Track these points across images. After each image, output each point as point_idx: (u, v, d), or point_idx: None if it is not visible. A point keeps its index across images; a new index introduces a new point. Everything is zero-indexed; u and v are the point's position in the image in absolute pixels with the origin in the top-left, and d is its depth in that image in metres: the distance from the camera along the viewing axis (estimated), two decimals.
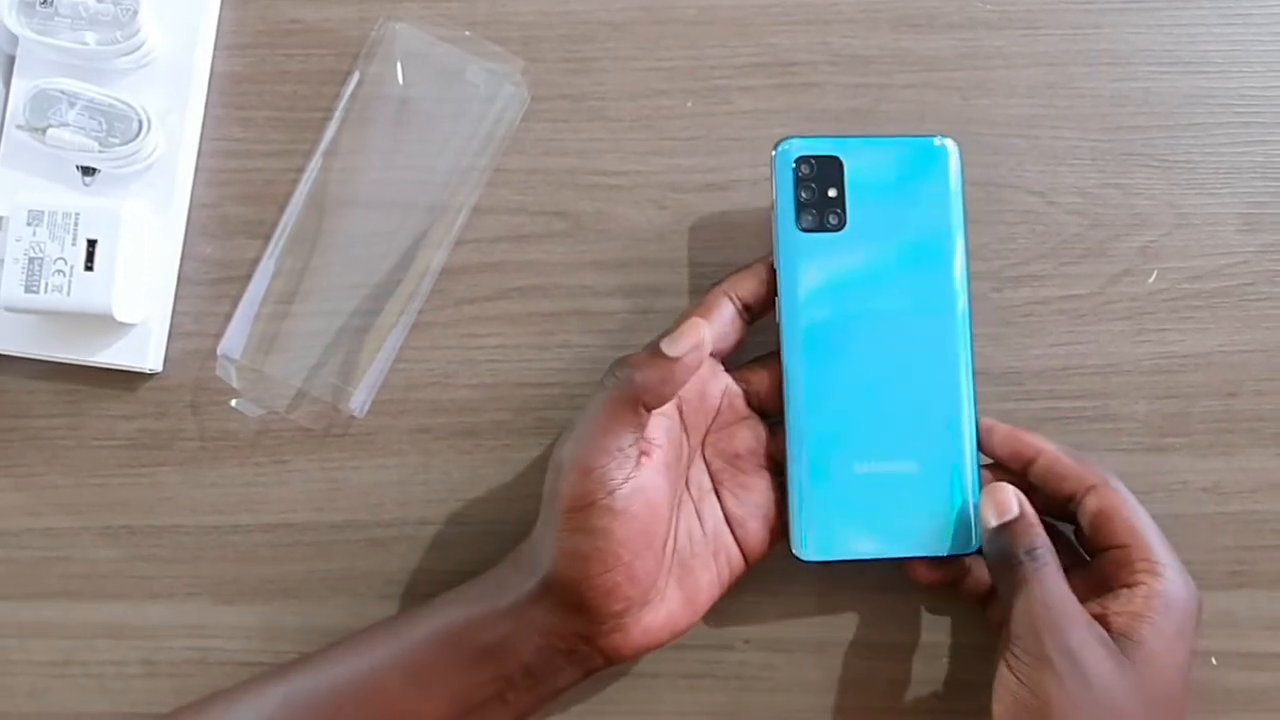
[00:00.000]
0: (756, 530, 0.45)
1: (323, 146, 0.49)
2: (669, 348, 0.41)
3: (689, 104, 0.49)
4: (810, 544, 0.44)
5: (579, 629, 0.42)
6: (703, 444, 0.45)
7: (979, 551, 0.44)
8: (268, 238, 0.49)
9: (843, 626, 0.48)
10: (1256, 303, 0.48)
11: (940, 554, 0.44)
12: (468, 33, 0.49)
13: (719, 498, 0.45)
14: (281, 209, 0.49)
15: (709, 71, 0.49)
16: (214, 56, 0.50)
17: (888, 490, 0.44)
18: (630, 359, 0.41)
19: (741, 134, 0.49)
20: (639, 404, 0.41)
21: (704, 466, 0.45)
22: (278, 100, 0.50)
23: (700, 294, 0.48)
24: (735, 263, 0.49)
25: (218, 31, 0.50)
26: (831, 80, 0.49)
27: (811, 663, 0.48)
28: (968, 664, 0.48)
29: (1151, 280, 0.48)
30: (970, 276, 0.44)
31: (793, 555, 0.44)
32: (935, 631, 0.48)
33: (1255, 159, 0.48)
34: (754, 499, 0.45)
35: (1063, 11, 0.49)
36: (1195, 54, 0.49)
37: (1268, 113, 0.49)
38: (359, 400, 0.49)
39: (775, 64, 0.49)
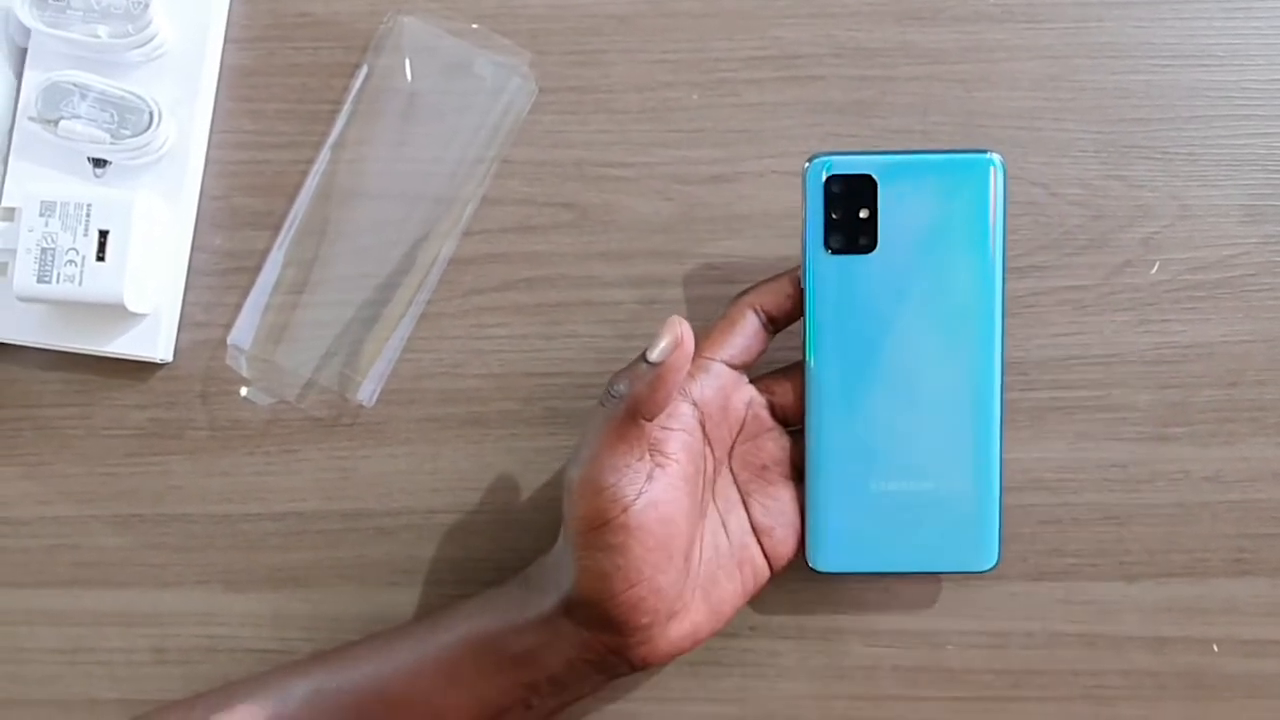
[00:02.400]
0: (784, 539, 0.45)
1: (332, 139, 0.50)
2: (650, 354, 0.40)
3: (695, 96, 0.50)
4: (824, 556, 0.44)
5: (607, 642, 0.42)
6: (730, 456, 0.45)
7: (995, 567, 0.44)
8: (277, 229, 0.50)
9: (848, 614, 0.48)
10: (1258, 293, 0.48)
11: (955, 570, 0.45)
12: (475, 26, 0.50)
13: (746, 508, 0.45)
14: (291, 200, 0.50)
15: (714, 64, 0.50)
16: (224, 49, 0.51)
17: (905, 507, 0.44)
18: (621, 373, 0.41)
19: (747, 126, 0.50)
20: (637, 417, 0.40)
21: (731, 478, 0.45)
22: (287, 93, 0.50)
23: (705, 284, 0.49)
24: (741, 254, 0.49)
25: (228, 25, 0.51)
26: (836, 73, 0.50)
27: (816, 649, 0.48)
28: (973, 651, 0.48)
29: (1154, 271, 0.49)
30: (1006, 299, 0.43)
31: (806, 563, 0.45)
32: (941, 619, 0.48)
33: (1257, 151, 0.49)
34: (781, 508, 0.45)
35: (1065, 5, 0.49)
36: (1197, 47, 0.49)
37: (1268, 105, 0.49)
38: (368, 390, 0.49)
39: (780, 56, 0.50)
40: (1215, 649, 0.48)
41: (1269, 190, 0.49)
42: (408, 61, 0.50)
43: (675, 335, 0.40)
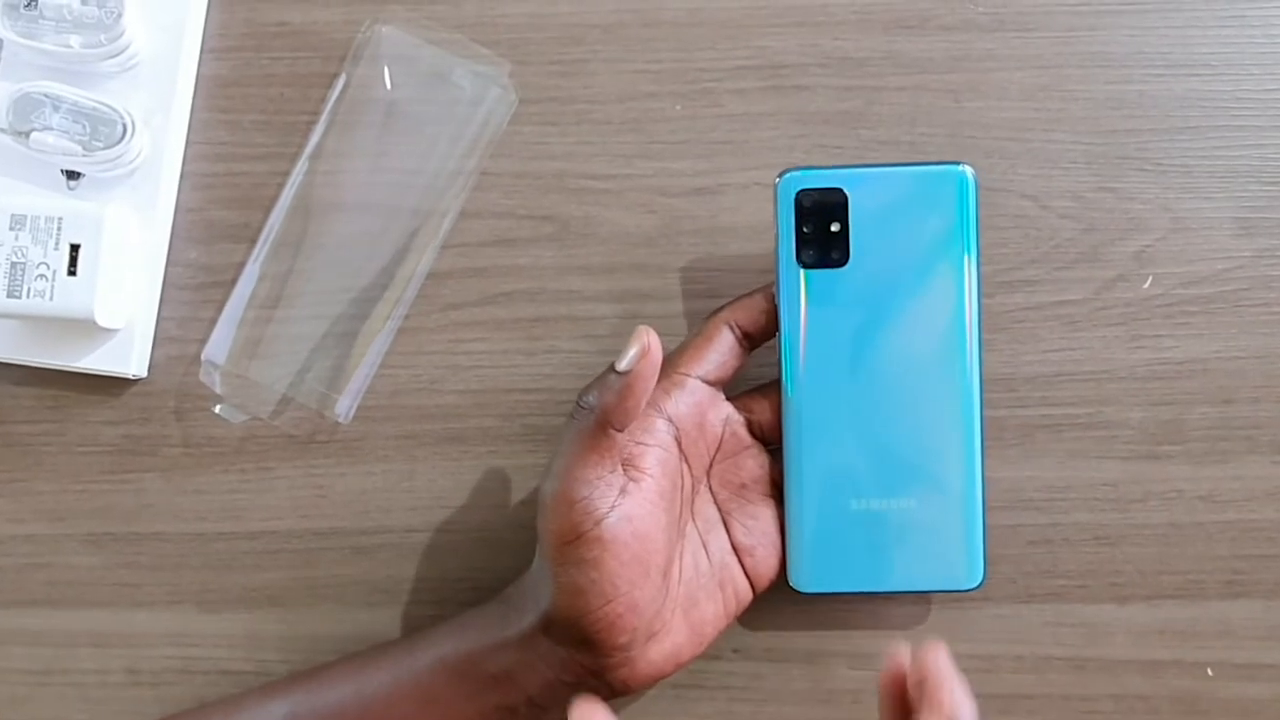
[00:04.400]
0: (765, 558, 0.44)
1: (309, 150, 0.49)
2: (619, 364, 0.40)
3: (678, 107, 0.49)
4: (806, 576, 0.44)
5: (585, 662, 0.41)
6: (708, 475, 0.45)
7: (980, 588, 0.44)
8: (253, 242, 0.49)
9: (832, 636, 0.47)
10: (1252, 308, 0.47)
11: (938, 589, 0.44)
12: (455, 35, 0.49)
13: (727, 528, 0.44)
14: (267, 213, 0.49)
15: (698, 74, 0.49)
16: (200, 59, 0.50)
17: (886, 525, 0.43)
18: (590, 385, 0.41)
19: (731, 137, 0.49)
20: (608, 427, 0.40)
21: (710, 498, 0.45)
22: (264, 103, 0.50)
23: (688, 298, 0.48)
24: (725, 268, 0.48)
25: (203, 34, 0.50)
26: (822, 83, 0.49)
27: (800, 673, 0.47)
28: (961, 675, 0.47)
29: (1146, 285, 0.48)
30: (983, 311, 0.43)
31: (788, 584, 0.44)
32: (925, 641, 0.47)
33: (1251, 163, 0.48)
34: (761, 528, 0.44)
35: (1056, 14, 0.48)
36: (1189, 57, 0.48)
37: (1263, 116, 0.48)
38: (344, 406, 0.48)
39: (765, 66, 0.49)
40: (1209, 673, 0.47)
41: (1263, 203, 0.48)
42: (386, 71, 0.49)
43: (643, 344, 0.39)
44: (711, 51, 0.49)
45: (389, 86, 0.49)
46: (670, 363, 0.43)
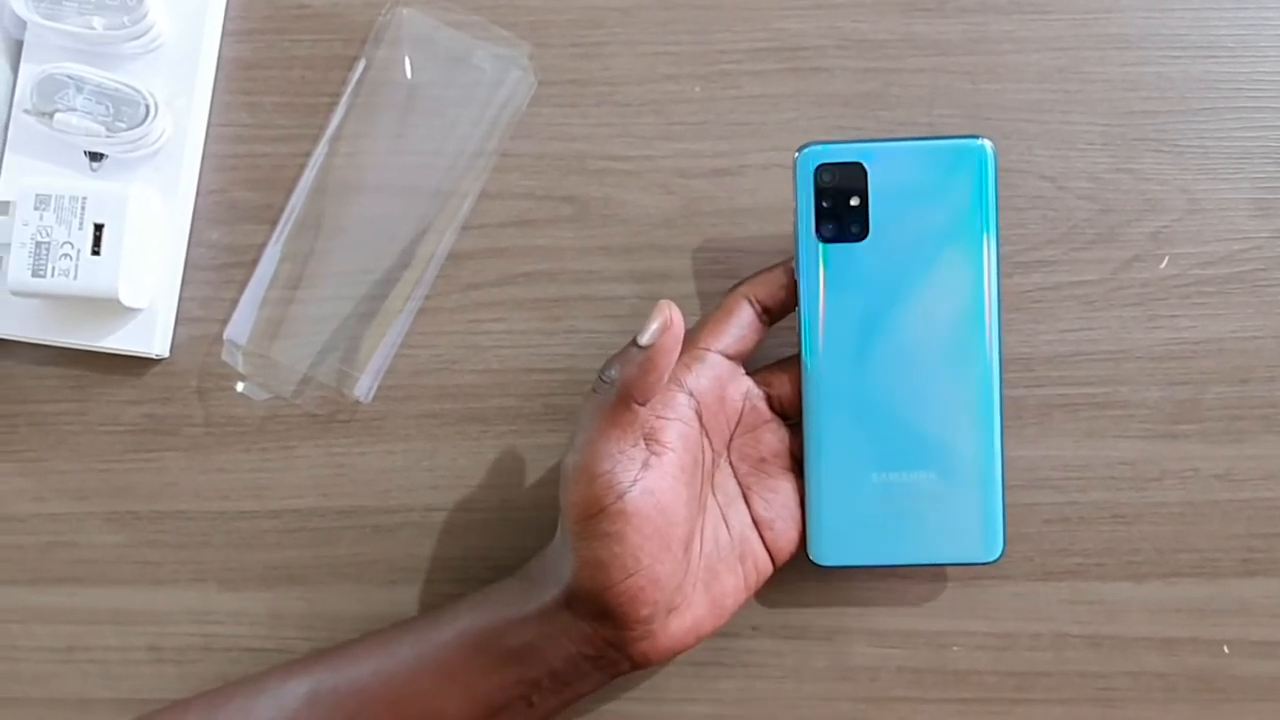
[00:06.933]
0: (785, 532, 0.44)
1: (330, 132, 0.49)
2: (640, 338, 0.40)
3: (697, 89, 0.49)
4: (826, 550, 0.44)
5: (607, 636, 0.41)
6: (728, 449, 0.45)
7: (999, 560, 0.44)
8: (274, 223, 0.49)
9: (851, 614, 0.48)
10: (1269, 288, 0.48)
11: (958, 562, 0.45)
12: (475, 17, 0.49)
13: (747, 502, 0.45)
14: (288, 194, 0.49)
15: (718, 56, 0.49)
16: (222, 41, 0.50)
17: (905, 498, 0.43)
18: (612, 359, 0.41)
19: (750, 119, 0.49)
20: (630, 401, 0.40)
21: (730, 471, 0.45)
22: (285, 85, 0.50)
23: (708, 279, 0.49)
24: (744, 248, 0.49)
25: (225, 16, 0.50)
26: (841, 65, 0.49)
27: (819, 650, 0.48)
28: (979, 653, 0.47)
29: (1163, 266, 0.48)
30: (1001, 283, 0.43)
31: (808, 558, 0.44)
32: (945, 620, 0.47)
33: (1268, 144, 0.48)
34: (781, 501, 0.45)
35: None
36: (1207, 38, 0.48)
37: None
38: (365, 386, 0.48)
39: (784, 48, 0.49)
40: (1225, 650, 0.47)
41: None
42: (407, 54, 0.49)
43: (665, 318, 0.40)
44: (730, 34, 0.49)
45: (409, 69, 0.49)
46: (690, 338, 0.43)
